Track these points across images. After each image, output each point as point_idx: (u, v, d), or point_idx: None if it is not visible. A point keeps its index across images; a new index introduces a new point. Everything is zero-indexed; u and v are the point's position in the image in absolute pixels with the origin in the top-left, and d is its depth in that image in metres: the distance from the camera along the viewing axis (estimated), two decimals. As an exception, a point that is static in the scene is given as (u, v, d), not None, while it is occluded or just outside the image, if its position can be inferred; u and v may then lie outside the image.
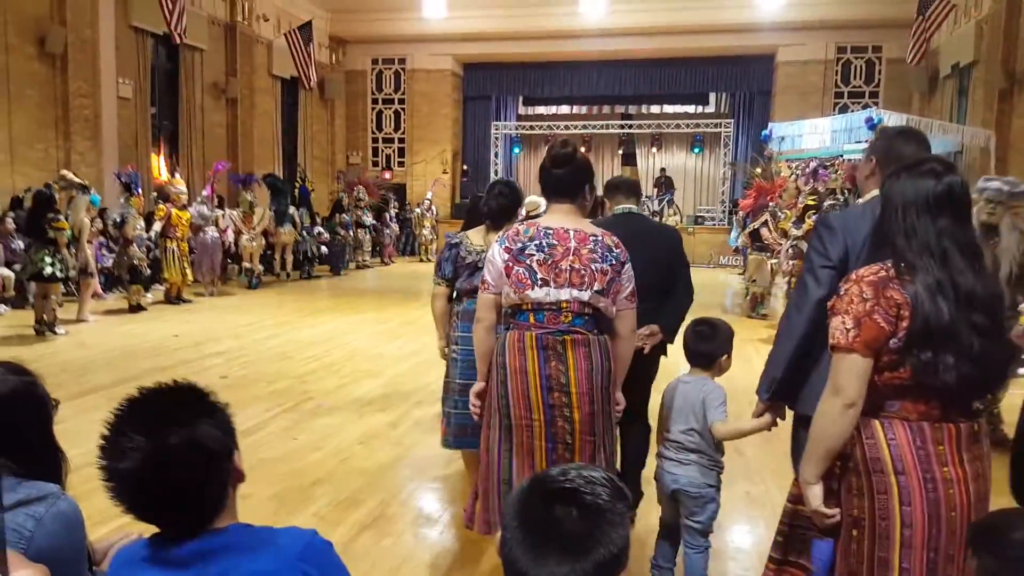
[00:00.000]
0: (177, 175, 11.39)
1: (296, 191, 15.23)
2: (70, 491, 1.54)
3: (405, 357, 7.42)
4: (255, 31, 15.95)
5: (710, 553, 2.80)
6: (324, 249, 14.73)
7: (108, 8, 11.90)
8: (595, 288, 2.46)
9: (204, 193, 11.72)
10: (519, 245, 2.50)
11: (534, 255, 2.47)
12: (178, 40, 12.49)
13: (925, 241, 1.74)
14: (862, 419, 1.77)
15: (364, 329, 9.01)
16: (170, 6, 11.88)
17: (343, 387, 6.27)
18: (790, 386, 2.30)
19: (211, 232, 11.28)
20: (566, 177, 2.56)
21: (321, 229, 14.81)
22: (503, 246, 2.53)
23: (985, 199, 4.52)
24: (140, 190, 9.81)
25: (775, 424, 2.47)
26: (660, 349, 3.42)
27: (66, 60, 11.03)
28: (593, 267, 2.47)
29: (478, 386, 2.66)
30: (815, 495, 1.85)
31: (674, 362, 3.46)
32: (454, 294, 3.86)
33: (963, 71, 14.27)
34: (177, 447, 1.21)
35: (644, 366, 3.17)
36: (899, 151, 2.27)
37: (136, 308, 9.66)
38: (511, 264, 2.49)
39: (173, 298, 10.45)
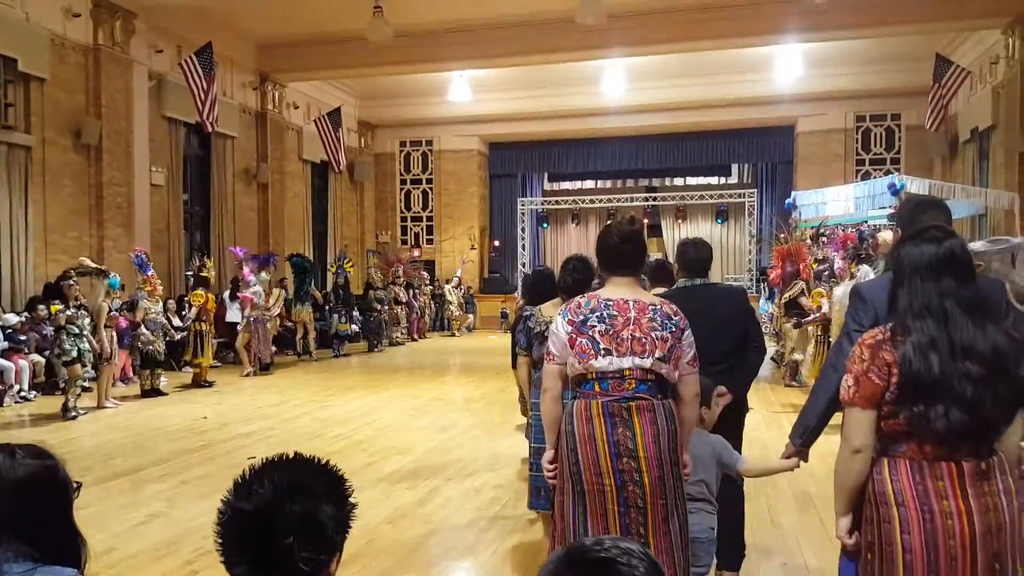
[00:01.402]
0: (207, 259, 11.57)
1: (334, 272, 15.49)
2: None
3: (435, 433, 7.31)
4: (285, 118, 16.52)
5: None
6: (355, 328, 14.82)
7: (142, 100, 12.41)
8: (656, 355, 2.55)
9: (251, 277, 11.86)
10: (581, 317, 2.59)
11: (596, 326, 2.56)
12: (210, 129, 12.95)
13: (927, 302, 1.95)
14: (876, 459, 2.02)
15: (393, 406, 8.92)
16: (202, 97, 12.37)
17: (371, 465, 6.16)
18: (820, 435, 2.53)
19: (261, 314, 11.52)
20: (632, 253, 2.70)
21: (355, 312, 15.01)
22: (566, 319, 2.63)
23: None
24: (151, 272, 9.88)
25: (798, 466, 2.71)
26: (742, 408, 3.53)
27: (100, 151, 11.44)
28: (654, 335, 2.56)
29: (549, 454, 2.72)
30: (841, 525, 2.11)
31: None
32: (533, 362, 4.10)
33: (982, 135, 14.36)
34: (295, 514, 1.22)
35: (728, 428, 3.22)
36: (919, 220, 2.39)
37: (150, 393, 9.57)
38: (574, 336, 2.58)
39: (204, 382, 10.49)
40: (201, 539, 4.23)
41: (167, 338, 10.00)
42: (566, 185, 23.44)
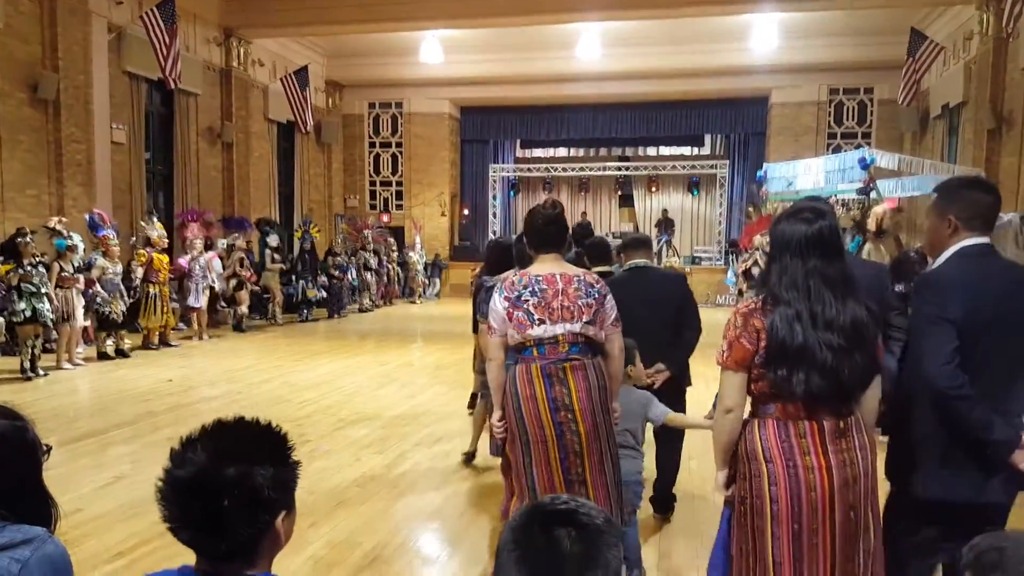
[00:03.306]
0: (155, 219, 11.20)
1: (300, 237, 15.22)
2: (60, 537, 1.44)
3: (403, 399, 7.27)
4: (250, 76, 16.06)
5: (637, 526, 3.43)
6: (323, 293, 14.64)
7: (101, 54, 11.93)
8: (584, 320, 2.88)
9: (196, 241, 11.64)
10: (516, 293, 2.91)
11: (529, 300, 2.88)
12: (172, 85, 12.54)
13: (795, 277, 2.13)
14: (748, 420, 2.23)
15: (362, 372, 8.85)
16: (164, 51, 11.94)
17: (339, 430, 6.12)
18: None
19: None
20: (555, 232, 3.03)
21: (322, 274, 14.78)
22: (503, 296, 2.94)
23: None
24: (104, 232, 9.58)
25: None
26: (682, 381, 3.90)
27: (59, 106, 11.01)
28: (580, 302, 2.89)
29: (497, 414, 3.03)
30: (719, 479, 2.33)
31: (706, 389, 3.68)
32: None
33: (953, 111, 14.46)
34: (229, 478, 1.22)
35: (671, 402, 3.52)
36: (968, 197, 2.46)
37: (106, 355, 9.38)
38: (511, 310, 2.90)
39: (152, 344, 10.25)
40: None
41: (124, 299, 9.70)
42: (538, 152, 23.27)
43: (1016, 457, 2.15)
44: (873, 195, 10.79)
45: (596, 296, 2.93)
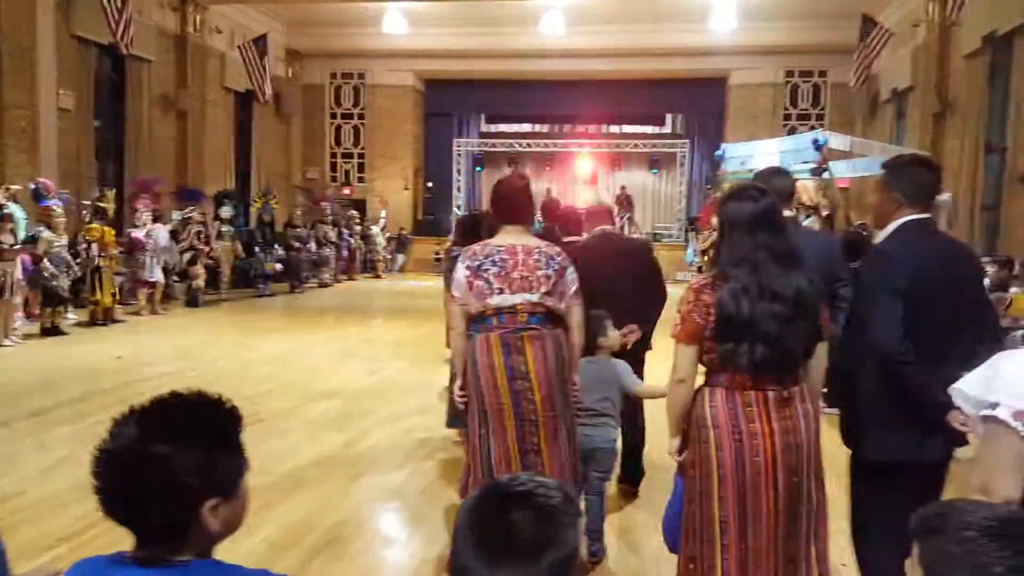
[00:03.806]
0: (105, 190, 10.81)
1: (259, 209, 14.91)
2: (0, 521, 1.38)
3: (364, 376, 7.22)
4: (207, 43, 15.60)
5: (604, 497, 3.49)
6: (280, 266, 14.37)
7: (47, 16, 11.42)
8: (543, 290, 2.95)
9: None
10: (477, 262, 2.97)
11: (490, 269, 2.94)
12: (124, 51, 12.11)
13: (743, 253, 2.23)
14: (698, 390, 2.34)
15: (321, 348, 8.76)
16: (116, 15, 11.51)
17: (298, 407, 6.04)
18: None
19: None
20: (521, 205, 3.12)
21: (279, 247, 14.50)
22: (464, 264, 3.00)
23: None
24: (48, 203, 9.20)
25: None
26: (643, 345, 3.92)
27: (1, 69, 10.58)
28: (539, 273, 2.96)
29: (458, 382, 3.11)
30: (672, 445, 2.43)
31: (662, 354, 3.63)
32: None
33: (901, 95, 14.93)
34: (149, 458, 1.14)
35: (631, 362, 3.63)
36: (912, 175, 2.58)
37: (51, 331, 8.99)
38: (472, 279, 2.96)
39: (99, 320, 9.87)
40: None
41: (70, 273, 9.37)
42: (503, 127, 23.15)
43: (951, 416, 2.27)
44: (826, 175, 11.00)
45: (556, 268, 2.99)
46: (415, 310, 11.37)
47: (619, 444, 3.60)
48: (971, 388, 1.69)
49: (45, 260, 8.88)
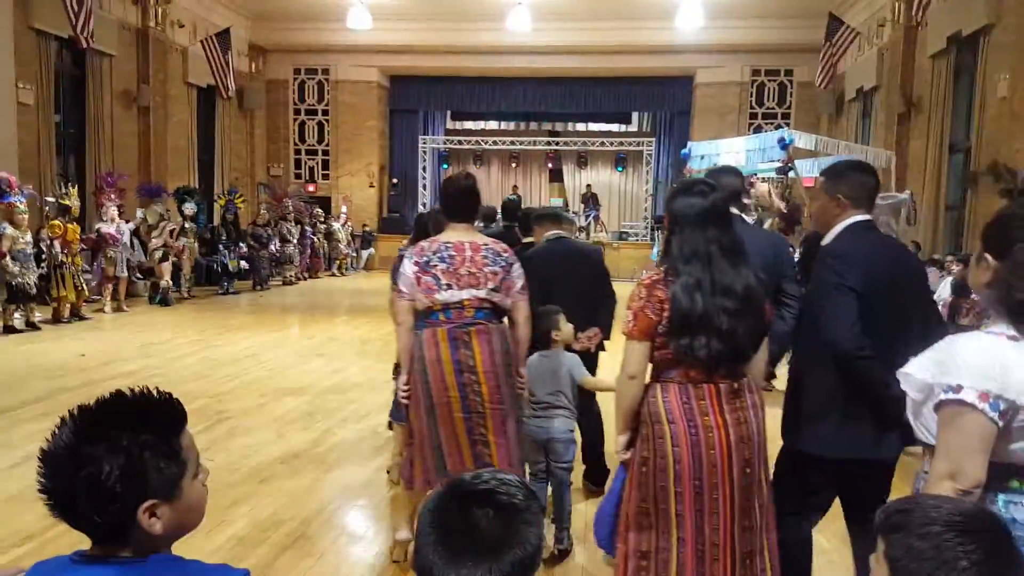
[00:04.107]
0: (69, 185, 10.65)
1: (223, 206, 14.70)
2: None
3: (329, 374, 7.22)
4: (169, 37, 15.36)
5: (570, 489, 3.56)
6: (244, 264, 14.23)
7: (5, 8, 11.15)
8: (490, 286, 3.03)
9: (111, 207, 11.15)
10: (425, 258, 3.04)
11: (438, 265, 3.01)
12: (85, 44, 11.89)
13: (695, 248, 2.25)
14: (649, 385, 2.33)
15: (286, 346, 8.73)
16: (75, 8, 11.30)
17: (263, 406, 6.04)
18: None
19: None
20: (467, 203, 3.19)
21: (243, 245, 14.34)
22: (412, 260, 3.06)
23: None
24: (11, 199, 8.96)
25: None
26: (599, 347, 4.04)
27: (-42, 62, 10.36)
28: (486, 270, 3.04)
29: (403, 378, 3.13)
30: (620, 442, 2.42)
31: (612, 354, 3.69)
32: None
33: (866, 95, 15.06)
34: (81, 460, 1.14)
35: (588, 363, 3.70)
36: (850, 178, 2.63)
37: (13, 329, 8.90)
38: (420, 274, 3.03)
39: (63, 318, 9.78)
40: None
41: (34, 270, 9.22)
42: (469, 125, 23.11)
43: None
44: (792, 174, 11.20)
45: (503, 264, 3.08)
46: (377, 308, 11.33)
47: (577, 435, 3.64)
48: (922, 372, 1.67)
49: (8, 258, 8.72)
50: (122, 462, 1.13)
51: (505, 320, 3.20)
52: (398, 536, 3.39)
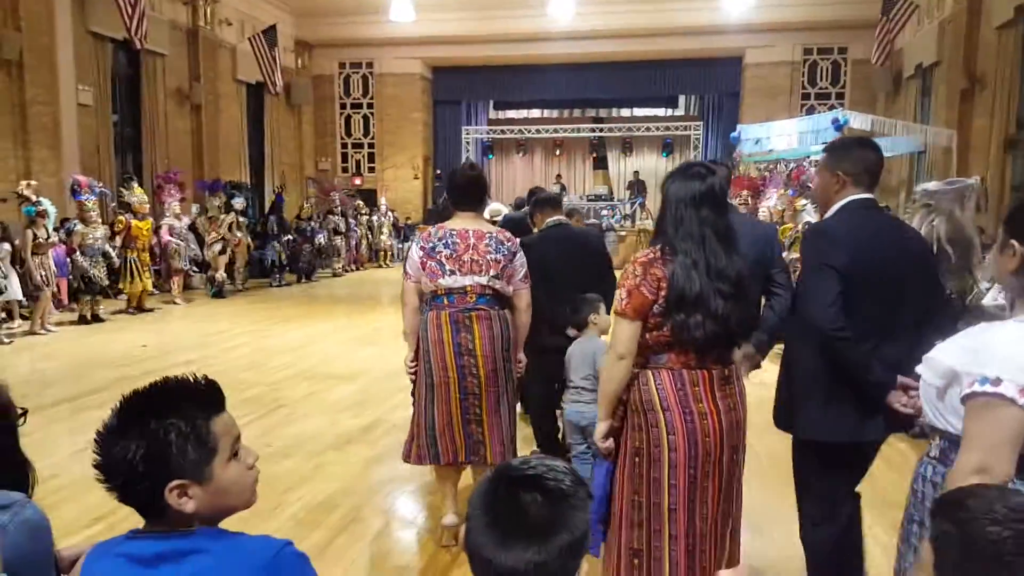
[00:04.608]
0: (135, 183, 11.04)
1: (274, 200, 15.03)
2: (37, 502, 1.45)
3: (378, 363, 7.30)
4: (218, 36, 15.70)
5: None
6: (286, 257, 14.53)
7: (64, 13, 11.57)
8: (491, 273, 3.16)
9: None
10: (431, 244, 3.19)
11: (443, 251, 3.15)
12: (139, 45, 12.23)
13: (689, 229, 2.22)
14: (639, 371, 2.27)
15: (335, 336, 8.87)
16: (129, 11, 11.62)
17: (315, 393, 6.15)
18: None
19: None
20: (473, 192, 3.30)
21: (291, 237, 14.62)
22: (419, 245, 3.22)
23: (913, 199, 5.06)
24: (83, 197, 9.44)
25: None
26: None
27: (22, 67, 10.72)
28: (488, 257, 3.16)
29: (409, 355, 3.33)
30: (600, 429, 2.37)
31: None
32: None
33: (926, 72, 14.44)
34: (111, 443, 1.24)
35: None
36: (853, 156, 2.53)
37: (86, 319, 9.36)
38: (425, 259, 3.18)
39: (133, 309, 10.22)
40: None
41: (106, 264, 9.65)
42: (511, 114, 23.08)
43: (891, 398, 2.25)
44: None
45: (505, 253, 3.20)
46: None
47: None
48: (949, 357, 1.62)
49: (78, 252, 9.11)
50: (146, 444, 1.21)
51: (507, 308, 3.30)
52: (445, 522, 3.42)
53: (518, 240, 3.40)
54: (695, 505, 2.24)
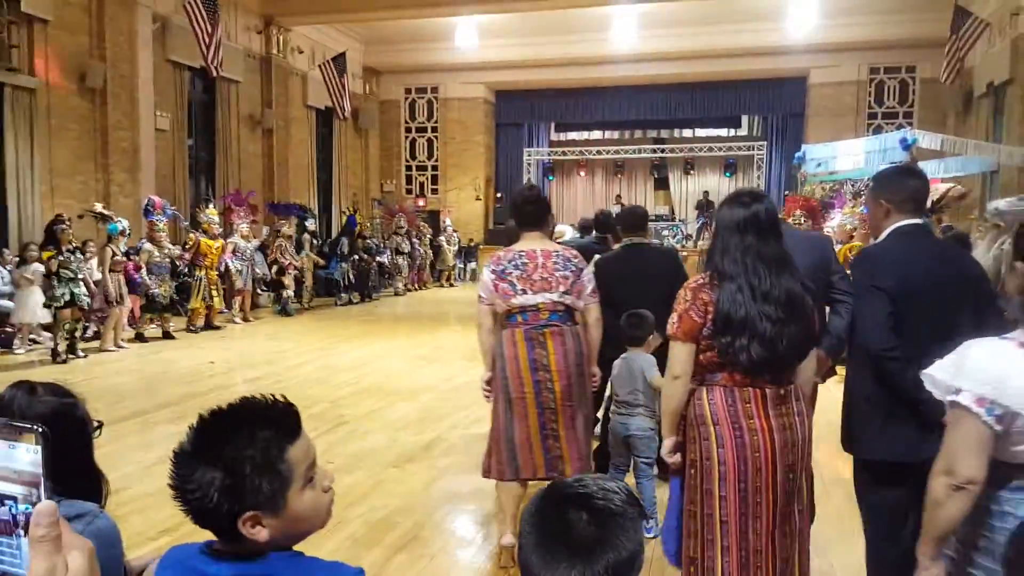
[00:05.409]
0: (211, 205, 11.52)
1: (344, 221, 15.45)
2: (109, 513, 1.53)
3: (439, 382, 7.40)
4: (290, 63, 16.28)
5: (655, 481, 3.73)
6: (352, 276, 14.86)
7: (146, 43, 12.22)
8: (561, 290, 3.28)
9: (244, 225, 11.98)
10: (501, 267, 3.32)
11: (513, 272, 3.28)
12: (214, 73, 12.79)
13: (734, 255, 2.30)
14: (696, 387, 2.36)
15: (398, 354, 9.02)
16: (207, 40, 12.18)
17: (377, 411, 6.26)
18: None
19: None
20: (534, 211, 3.42)
21: (359, 256, 14.97)
22: (490, 269, 3.35)
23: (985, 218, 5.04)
24: (153, 218, 9.91)
25: None
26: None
27: (105, 94, 11.32)
28: (557, 275, 3.28)
29: (486, 375, 3.43)
30: (666, 445, 2.46)
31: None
32: None
33: (998, 89, 13.97)
34: (185, 472, 1.21)
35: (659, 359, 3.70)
36: (903, 185, 2.63)
37: (143, 337, 9.68)
38: (497, 281, 3.30)
39: (194, 327, 10.51)
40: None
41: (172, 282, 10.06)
42: (573, 135, 23.17)
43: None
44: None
45: (573, 269, 3.31)
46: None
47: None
48: (940, 373, 1.74)
49: (144, 270, 9.50)
50: (220, 476, 1.18)
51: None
52: (503, 542, 3.44)
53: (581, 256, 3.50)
54: (747, 520, 2.28)
